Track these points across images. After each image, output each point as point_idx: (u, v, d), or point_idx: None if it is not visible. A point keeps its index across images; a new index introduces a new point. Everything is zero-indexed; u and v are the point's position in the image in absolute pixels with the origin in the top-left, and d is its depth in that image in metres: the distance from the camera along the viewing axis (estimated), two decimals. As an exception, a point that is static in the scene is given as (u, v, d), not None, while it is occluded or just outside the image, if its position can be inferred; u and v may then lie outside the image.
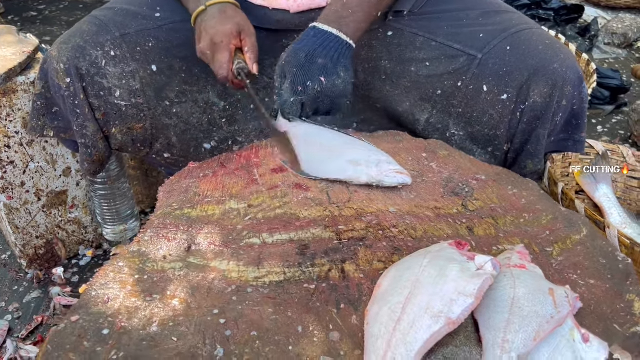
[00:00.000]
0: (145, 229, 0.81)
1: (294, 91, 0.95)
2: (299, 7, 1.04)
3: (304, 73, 0.94)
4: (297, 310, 0.67)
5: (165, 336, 0.63)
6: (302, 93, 0.95)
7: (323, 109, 0.97)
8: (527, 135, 1.02)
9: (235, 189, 0.90)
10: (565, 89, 0.96)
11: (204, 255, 0.76)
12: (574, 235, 0.80)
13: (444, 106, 1.06)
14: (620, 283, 0.71)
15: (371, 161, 0.90)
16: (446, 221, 0.82)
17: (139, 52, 1.04)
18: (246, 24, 1.00)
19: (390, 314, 0.60)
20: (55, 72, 1.01)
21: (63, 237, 1.39)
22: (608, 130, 2.10)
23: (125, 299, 0.68)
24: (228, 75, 0.98)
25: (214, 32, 0.97)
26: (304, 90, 0.94)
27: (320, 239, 0.78)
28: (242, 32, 0.99)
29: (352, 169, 0.90)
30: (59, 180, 1.32)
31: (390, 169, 0.89)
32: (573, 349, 0.60)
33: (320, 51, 0.94)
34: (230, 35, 0.97)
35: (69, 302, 1.29)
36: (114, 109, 1.05)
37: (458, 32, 1.04)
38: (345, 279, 0.71)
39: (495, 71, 0.99)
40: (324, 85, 0.94)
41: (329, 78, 0.93)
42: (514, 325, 0.58)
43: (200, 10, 0.99)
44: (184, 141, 1.13)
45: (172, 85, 1.08)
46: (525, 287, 0.63)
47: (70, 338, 0.63)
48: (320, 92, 0.94)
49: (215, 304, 0.68)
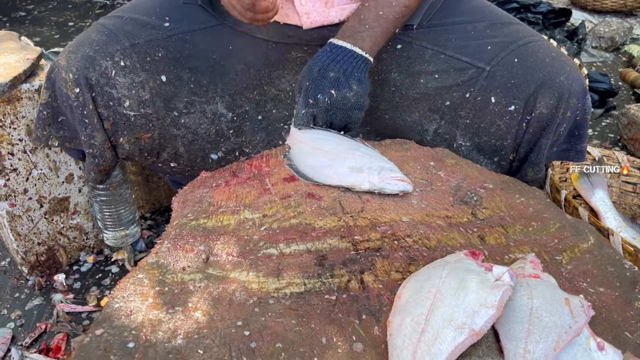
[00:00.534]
0: (162, 239, 0.82)
1: (306, 104, 0.97)
2: (311, 24, 1.05)
3: (315, 86, 0.95)
4: (320, 321, 0.68)
5: (191, 349, 0.64)
6: (314, 105, 0.96)
7: (337, 123, 0.98)
8: (532, 144, 1.04)
9: (249, 198, 0.90)
10: (570, 101, 0.99)
11: (222, 266, 0.77)
12: (581, 244, 0.82)
13: (452, 117, 1.08)
14: (629, 291, 0.74)
15: (373, 168, 0.92)
16: (458, 230, 0.84)
17: (148, 62, 1.04)
18: None
19: (413, 326, 0.62)
20: (64, 81, 1.01)
21: (64, 243, 1.39)
22: (598, 134, 2.14)
23: (148, 311, 0.69)
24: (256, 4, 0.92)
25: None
26: (314, 103, 0.96)
27: (338, 250, 0.79)
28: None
29: (354, 175, 0.92)
30: (62, 187, 1.32)
31: (392, 176, 0.90)
32: (590, 357, 0.62)
33: (333, 65, 0.95)
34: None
35: (72, 308, 1.29)
36: (123, 119, 1.05)
37: (466, 45, 1.06)
38: (365, 290, 0.72)
39: (503, 83, 1.02)
40: (334, 97, 0.95)
41: (340, 91, 0.95)
42: (534, 336, 0.60)
43: None
44: (191, 151, 1.13)
45: (180, 96, 1.08)
46: (542, 297, 0.65)
47: (96, 352, 0.64)
48: (330, 105, 0.96)
49: (238, 315, 0.69)
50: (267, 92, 1.12)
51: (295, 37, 1.08)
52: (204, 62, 1.08)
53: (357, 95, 0.96)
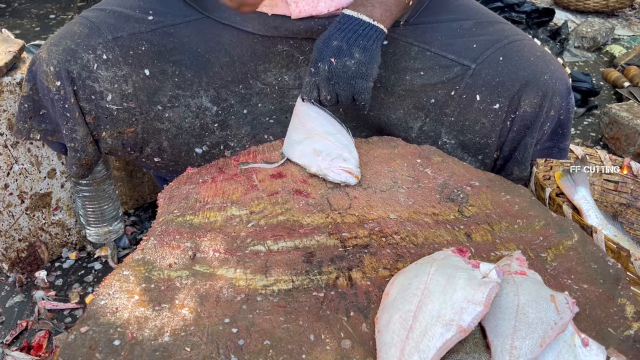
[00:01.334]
0: (148, 236, 0.81)
1: (309, 72, 0.97)
2: (300, 13, 1.04)
3: (317, 55, 0.96)
4: (308, 318, 0.68)
5: (178, 346, 0.64)
6: (315, 74, 0.96)
7: (342, 93, 0.97)
8: (516, 143, 1.05)
9: (236, 195, 0.90)
10: (554, 100, 1.00)
11: (209, 263, 0.76)
12: (566, 241, 0.83)
13: (436, 115, 1.09)
14: (612, 287, 0.75)
15: (331, 154, 0.94)
16: (445, 227, 0.85)
17: (131, 55, 1.03)
18: None
19: (402, 322, 0.62)
20: (45, 74, 0.99)
21: (46, 239, 1.36)
22: (580, 133, 2.17)
23: (134, 308, 0.68)
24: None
25: None
26: (316, 72, 0.96)
27: (325, 246, 0.79)
28: None
29: (311, 157, 0.95)
30: (44, 182, 1.29)
31: (339, 166, 0.92)
32: (574, 353, 0.63)
33: (338, 34, 0.95)
34: None
35: (54, 306, 1.27)
36: (105, 113, 1.04)
37: (452, 43, 1.06)
38: (353, 287, 0.72)
39: (488, 81, 1.02)
40: (333, 65, 0.94)
41: (340, 59, 0.94)
42: (521, 332, 0.61)
43: None
44: (175, 146, 1.12)
45: (164, 90, 1.07)
46: (528, 294, 0.66)
47: (81, 350, 0.63)
48: (330, 73, 0.95)
49: (226, 312, 0.68)
50: (252, 86, 1.12)
51: (282, 29, 1.07)
52: (188, 55, 1.07)
53: (359, 64, 0.95)
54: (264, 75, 1.12)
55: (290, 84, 1.13)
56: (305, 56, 1.11)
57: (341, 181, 0.92)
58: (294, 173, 0.95)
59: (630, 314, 0.71)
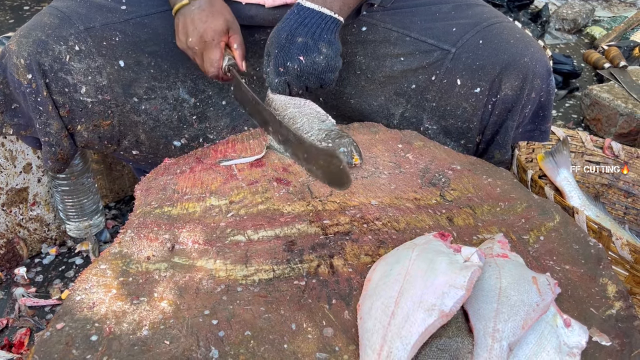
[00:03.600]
0: (125, 228, 0.79)
1: (277, 72, 0.96)
2: (274, 1, 1.02)
3: (284, 54, 0.94)
4: (289, 307, 0.67)
5: (157, 340, 0.62)
6: (284, 74, 0.96)
7: (312, 86, 0.98)
8: (498, 126, 1.05)
9: (215, 185, 0.88)
10: (535, 82, 0.99)
11: (188, 255, 0.75)
12: (547, 223, 0.83)
13: (418, 100, 1.08)
14: (594, 267, 0.75)
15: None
16: (427, 212, 0.84)
17: (105, 46, 1.00)
18: (233, 20, 0.98)
19: (383, 309, 0.61)
20: (15, 67, 0.96)
21: (24, 235, 1.34)
22: (562, 115, 2.18)
23: (111, 303, 0.67)
24: (219, 73, 0.96)
25: (204, 29, 0.94)
26: (285, 71, 0.95)
27: (307, 235, 0.78)
28: (230, 28, 0.97)
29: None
30: (19, 177, 1.26)
31: None
32: (557, 334, 0.63)
33: (301, 30, 0.94)
34: (221, 32, 0.95)
35: (35, 302, 1.25)
36: (80, 106, 1.01)
37: (431, 27, 1.05)
38: (335, 274, 0.71)
39: (469, 65, 1.01)
40: (303, 64, 0.94)
41: (309, 56, 0.93)
42: (503, 315, 0.61)
43: (184, 3, 0.96)
44: (153, 138, 1.10)
45: (140, 82, 1.04)
46: (510, 276, 0.66)
47: (57, 347, 0.61)
48: (301, 71, 0.95)
49: (206, 304, 0.67)
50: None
51: (258, 19, 1.05)
52: (163, 46, 1.05)
53: (328, 59, 0.94)
54: None
55: None
56: None
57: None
58: (274, 162, 0.94)
59: (612, 294, 0.71)
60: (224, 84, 1.09)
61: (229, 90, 1.11)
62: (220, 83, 1.10)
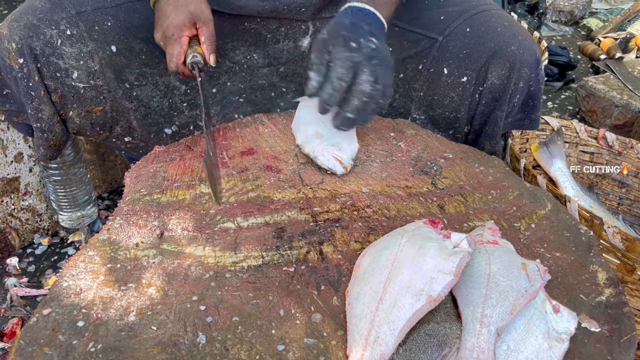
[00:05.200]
0: (114, 215, 0.79)
1: (348, 48, 0.83)
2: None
3: (354, 33, 0.85)
4: (278, 293, 0.66)
5: (144, 325, 0.62)
6: (357, 50, 0.83)
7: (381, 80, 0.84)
8: (486, 116, 1.04)
9: (205, 172, 0.88)
10: (522, 71, 0.98)
11: (177, 242, 0.74)
12: (539, 210, 0.83)
13: (405, 90, 1.07)
14: (584, 255, 0.75)
15: (329, 140, 0.91)
16: (418, 200, 0.84)
17: (97, 31, 0.99)
18: (202, 12, 0.94)
19: (371, 294, 0.61)
20: (7, 52, 0.95)
21: (16, 225, 1.33)
22: (557, 106, 2.17)
23: (99, 289, 0.66)
24: (178, 69, 0.94)
25: (166, 24, 0.92)
26: (358, 48, 0.83)
27: (296, 222, 0.77)
28: (197, 21, 0.94)
29: (310, 138, 0.93)
30: (10, 167, 1.26)
31: (330, 152, 0.89)
32: (545, 320, 0.62)
33: (363, 20, 0.87)
34: (183, 26, 0.92)
35: (27, 292, 1.24)
36: (72, 91, 1.00)
37: (420, 16, 1.04)
38: (324, 261, 0.71)
39: (455, 54, 1.01)
40: (377, 45, 0.85)
41: (381, 43, 0.86)
42: (492, 300, 0.60)
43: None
44: (145, 125, 1.09)
45: (132, 67, 1.03)
46: (500, 262, 0.65)
47: (43, 332, 0.61)
48: (375, 51, 0.84)
49: (194, 290, 0.67)
50: (220, 65, 1.09)
51: (247, 9, 1.05)
52: None
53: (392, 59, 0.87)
54: (232, 54, 1.09)
55: (259, 62, 1.11)
56: (273, 34, 1.08)
57: (328, 167, 0.88)
58: (265, 149, 0.94)
59: (602, 281, 0.71)
60: (214, 70, 1.09)
61: (220, 78, 1.10)
62: (211, 70, 1.09)
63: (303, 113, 0.97)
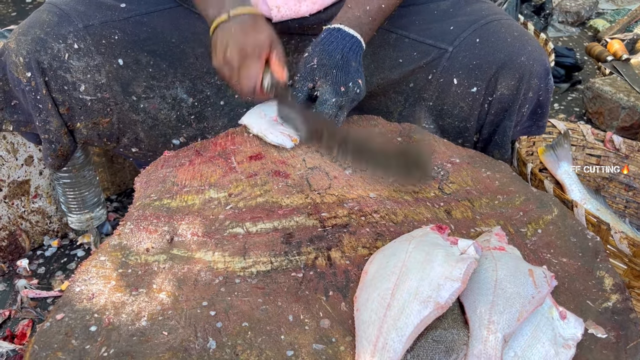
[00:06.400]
0: (125, 220, 0.80)
1: (336, 92, 0.91)
2: (282, 17, 1.02)
3: (344, 75, 0.91)
4: (287, 299, 0.67)
5: (156, 330, 0.63)
6: (344, 94, 0.92)
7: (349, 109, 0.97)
8: (495, 126, 1.04)
9: (214, 177, 0.89)
10: (532, 82, 0.98)
11: (187, 247, 0.75)
12: (546, 216, 0.83)
13: (415, 99, 1.08)
14: (591, 260, 0.75)
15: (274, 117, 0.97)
16: (425, 205, 0.84)
17: (104, 45, 1.00)
18: (277, 37, 0.92)
19: (379, 300, 0.62)
20: (14, 65, 0.96)
21: (27, 227, 1.35)
22: (564, 108, 2.17)
23: (111, 294, 0.67)
24: (256, 90, 0.89)
25: (244, 41, 0.87)
26: (345, 92, 0.92)
27: (305, 227, 0.78)
28: (272, 44, 0.90)
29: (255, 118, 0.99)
30: (21, 170, 1.27)
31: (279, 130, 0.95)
32: (552, 326, 0.63)
33: (352, 55, 0.93)
34: (264, 46, 0.89)
35: (37, 294, 1.26)
36: (79, 104, 1.01)
37: (430, 27, 1.04)
38: (332, 266, 0.72)
39: (465, 64, 1.01)
40: (361, 87, 0.93)
41: (363, 81, 0.94)
42: (499, 307, 0.61)
43: (222, 19, 0.89)
44: (152, 137, 1.10)
45: (139, 80, 1.04)
46: (507, 269, 0.66)
47: (57, 337, 0.62)
48: (357, 95, 0.94)
49: (204, 295, 0.68)
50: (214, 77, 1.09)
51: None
52: (162, 45, 1.05)
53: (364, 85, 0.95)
54: None
55: None
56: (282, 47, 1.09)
57: (278, 143, 0.94)
58: (273, 154, 0.94)
59: (609, 286, 0.71)
60: (222, 83, 1.09)
61: (227, 90, 1.11)
62: (218, 83, 1.10)
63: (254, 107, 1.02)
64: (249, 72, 0.88)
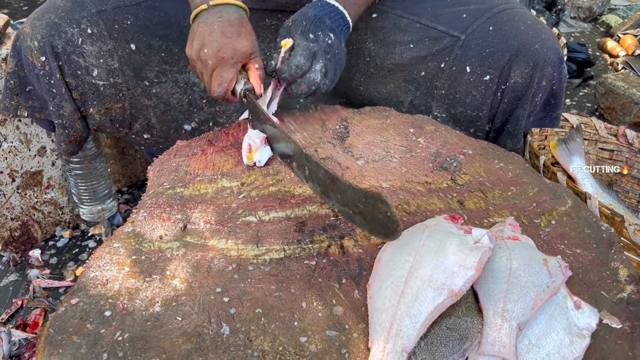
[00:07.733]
0: (138, 208, 0.80)
1: (306, 37, 0.90)
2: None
3: (314, 25, 0.91)
4: (300, 286, 0.67)
5: (169, 316, 0.63)
6: (314, 41, 0.90)
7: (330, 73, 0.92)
8: (508, 115, 1.04)
9: (226, 167, 0.89)
10: (546, 70, 0.98)
11: (200, 234, 0.75)
12: (559, 207, 0.82)
13: (427, 88, 1.07)
14: (605, 251, 0.75)
15: None
16: (437, 195, 0.84)
17: (116, 29, 1.01)
18: (257, 47, 0.91)
19: (393, 288, 0.62)
20: (29, 50, 0.97)
21: (39, 218, 1.36)
22: (576, 103, 2.16)
23: (125, 280, 0.68)
24: (226, 95, 0.89)
25: (224, 44, 0.86)
26: (315, 38, 0.90)
27: (317, 216, 0.78)
28: (253, 53, 0.90)
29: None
30: (34, 160, 1.28)
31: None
32: (567, 315, 0.63)
33: (327, 16, 0.93)
34: (244, 54, 0.88)
35: (49, 284, 1.27)
36: (92, 89, 1.02)
37: (441, 13, 1.04)
38: (345, 255, 0.72)
39: (478, 52, 1.00)
40: (333, 40, 0.91)
41: (337, 38, 0.92)
42: (513, 295, 0.61)
43: (202, 8, 0.88)
44: (164, 122, 1.10)
45: (151, 65, 1.05)
46: (521, 258, 0.66)
47: (72, 321, 0.62)
48: (329, 47, 0.91)
49: (217, 282, 0.68)
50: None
51: (270, 2, 1.05)
52: (175, 30, 1.05)
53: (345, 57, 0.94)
54: None
55: None
56: None
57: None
58: (285, 144, 0.94)
59: (624, 277, 0.71)
60: None
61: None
62: None
63: None
64: (222, 76, 0.87)
